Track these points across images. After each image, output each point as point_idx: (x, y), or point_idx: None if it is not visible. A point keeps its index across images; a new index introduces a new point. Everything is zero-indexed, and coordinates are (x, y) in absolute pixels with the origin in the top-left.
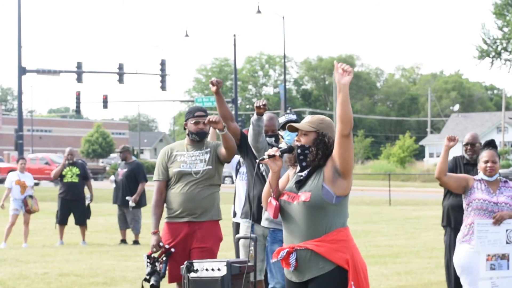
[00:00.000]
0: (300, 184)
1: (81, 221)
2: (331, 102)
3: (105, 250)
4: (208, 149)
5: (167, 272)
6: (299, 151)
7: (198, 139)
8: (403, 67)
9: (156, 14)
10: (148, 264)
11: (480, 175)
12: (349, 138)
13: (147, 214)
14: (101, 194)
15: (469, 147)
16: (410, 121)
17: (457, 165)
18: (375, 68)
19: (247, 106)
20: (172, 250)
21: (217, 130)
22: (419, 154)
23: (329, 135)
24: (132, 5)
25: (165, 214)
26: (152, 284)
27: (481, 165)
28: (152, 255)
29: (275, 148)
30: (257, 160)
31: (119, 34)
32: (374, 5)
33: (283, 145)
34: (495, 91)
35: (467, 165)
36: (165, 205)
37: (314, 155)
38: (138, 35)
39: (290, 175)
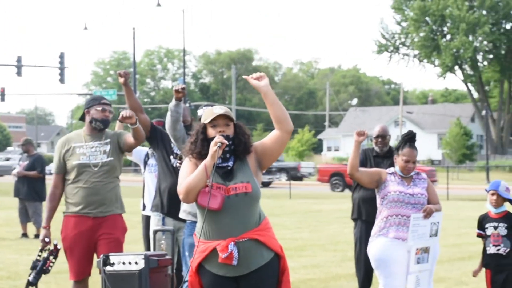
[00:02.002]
0: (229, 175)
1: None
2: (229, 96)
3: (7, 244)
4: (108, 140)
5: (68, 268)
6: (230, 142)
7: (102, 126)
8: (301, 61)
9: (55, 7)
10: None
11: (394, 169)
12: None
13: None
14: (1, 188)
15: (379, 140)
16: (308, 115)
17: (366, 158)
18: (273, 62)
19: (145, 100)
20: (59, 247)
21: (129, 125)
22: (317, 147)
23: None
24: None
25: (63, 208)
26: (28, 280)
27: (400, 162)
28: (39, 254)
29: (220, 136)
30: (215, 150)
31: (18, 27)
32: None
33: None
34: (392, 86)
35: (376, 157)
36: (64, 199)
37: (243, 144)
38: (37, 28)
39: (194, 167)
